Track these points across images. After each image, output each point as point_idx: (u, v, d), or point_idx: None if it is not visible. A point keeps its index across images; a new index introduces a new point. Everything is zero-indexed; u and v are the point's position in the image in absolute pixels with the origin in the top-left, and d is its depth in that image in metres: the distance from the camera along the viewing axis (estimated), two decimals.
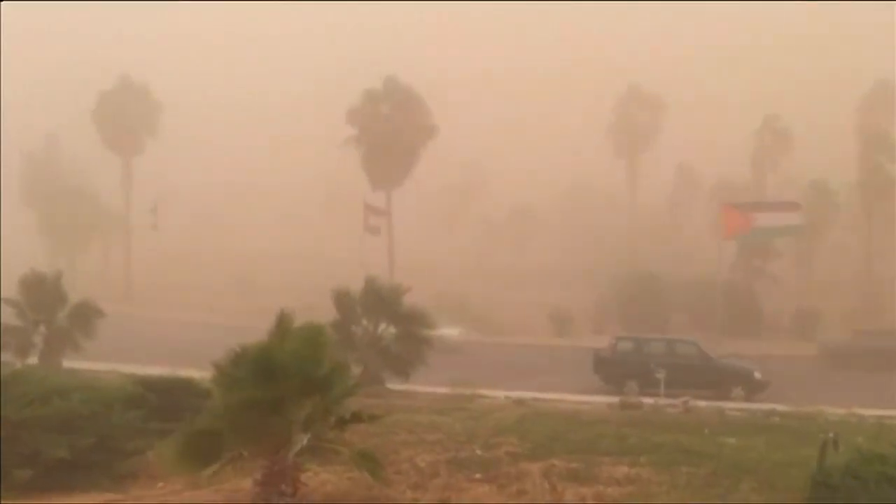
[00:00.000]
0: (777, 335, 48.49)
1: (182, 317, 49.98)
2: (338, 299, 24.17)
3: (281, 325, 11.32)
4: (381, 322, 24.20)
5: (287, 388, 10.46)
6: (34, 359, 24.81)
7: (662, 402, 23.48)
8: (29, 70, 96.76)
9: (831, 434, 12.42)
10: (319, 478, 12.39)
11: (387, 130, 53.44)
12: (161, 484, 12.55)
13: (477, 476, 13.19)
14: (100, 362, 25.53)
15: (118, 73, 64.78)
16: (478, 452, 14.77)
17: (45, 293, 25.63)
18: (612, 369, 29.33)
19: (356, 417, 11.03)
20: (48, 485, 11.91)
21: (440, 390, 24.16)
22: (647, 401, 23.71)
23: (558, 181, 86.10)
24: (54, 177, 70.91)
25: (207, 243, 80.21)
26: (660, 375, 25.22)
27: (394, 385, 24.13)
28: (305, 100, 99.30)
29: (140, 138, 64.07)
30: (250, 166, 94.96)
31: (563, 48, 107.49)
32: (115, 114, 62.48)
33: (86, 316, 25.71)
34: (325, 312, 22.06)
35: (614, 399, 24.19)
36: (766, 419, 21.04)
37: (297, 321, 11.32)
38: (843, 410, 22.18)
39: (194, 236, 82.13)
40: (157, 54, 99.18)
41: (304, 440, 10.50)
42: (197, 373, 16.36)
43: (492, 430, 17.01)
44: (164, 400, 14.49)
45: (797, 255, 60.11)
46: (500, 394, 24.37)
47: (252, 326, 14.79)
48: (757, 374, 28.78)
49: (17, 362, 22.43)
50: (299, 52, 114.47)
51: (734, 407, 23.90)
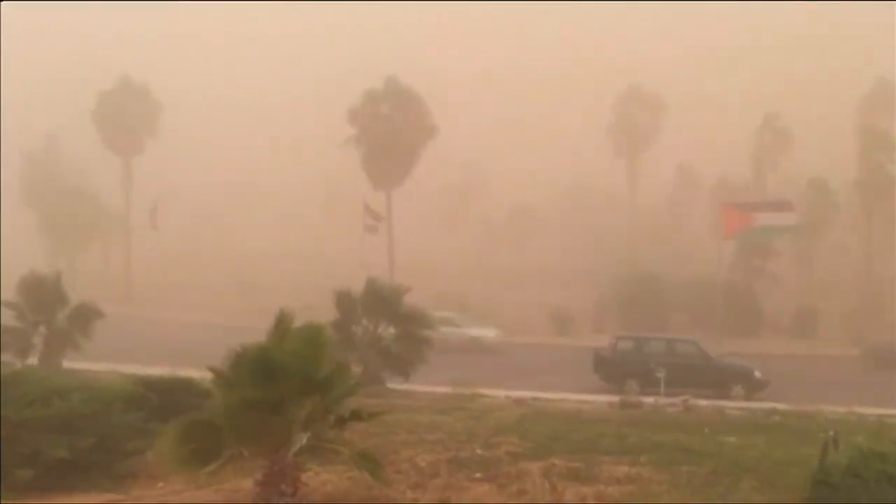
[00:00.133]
0: (777, 334, 48.52)
1: (182, 317, 49.98)
2: (338, 299, 24.24)
3: (281, 324, 11.31)
4: (382, 322, 24.25)
5: (287, 388, 10.46)
6: (34, 359, 24.85)
7: (662, 401, 23.49)
8: (29, 70, 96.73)
9: (831, 433, 12.42)
10: (320, 478, 12.39)
11: (387, 130, 53.47)
12: (161, 484, 12.55)
13: (477, 475, 13.19)
14: (100, 363, 25.52)
15: (118, 73, 64.80)
16: (478, 452, 14.77)
17: (45, 294, 25.64)
18: (613, 368, 29.34)
19: (356, 416, 11.03)
20: (48, 485, 11.91)
21: (440, 390, 24.17)
22: (648, 400, 23.73)
23: (558, 181, 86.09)
24: (54, 177, 70.91)
25: (207, 243, 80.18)
26: (660, 375, 25.24)
27: (394, 385, 24.16)
28: (305, 100, 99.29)
29: (140, 138, 64.09)
30: (250, 166, 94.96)
31: (563, 48, 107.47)
32: (115, 114, 62.48)
33: (85, 317, 25.75)
34: (325, 312, 22.08)
35: (614, 398, 24.21)
36: (766, 418, 21.06)
37: (298, 321, 11.31)
38: (843, 409, 22.21)
39: (194, 236, 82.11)
40: (157, 54, 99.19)
41: (303, 440, 10.49)
42: (197, 373, 16.37)
43: (492, 430, 17.02)
44: (165, 400, 14.46)
45: (797, 255, 60.12)
46: (500, 393, 24.40)
47: (252, 326, 14.79)
48: (757, 373, 28.78)
49: (18, 363, 22.41)
50: (299, 52, 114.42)
51: (734, 406, 23.93)
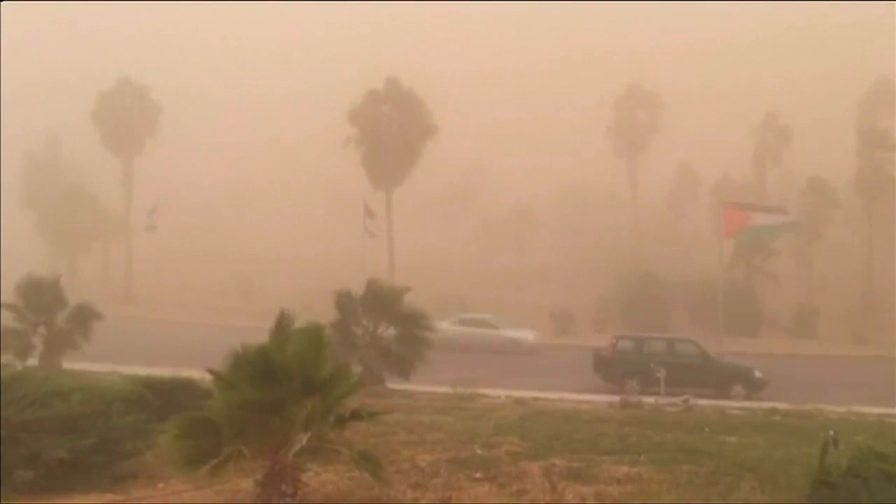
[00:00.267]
0: (777, 334, 48.55)
1: (182, 318, 50.00)
2: (338, 300, 24.31)
3: (281, 325, 11.33)
4: (382, 322, 24.29)
5: (287, 388, 10.48)
6: (34, 360, 24.87)
7: (663, 400, 23.48)
8: (29, 70, 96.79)
9: (831, 432, 12.42)
10: (320, 478, 12.39)
11: (388, 131, 53.51)
12: (161, 485, 12.55)
13: (477, 475, 13.18)
14: (100, 364, 25.52)
15: (118, 74, 64.85)
16: (478, 452, 14.76)
17: (45, 295, 25.68)
18: (613, 368, 29.31)
19: (356, 415, 11.04)
20: (49, 486, 11.91)
21: (441, 390, 24.18)
22: (648, 400, 23.71)
23: (558, 181, 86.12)
24: (54, 177, 70.95)
25: (208, 244, 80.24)
26: (660, 374, 25.23)
27: (394, 385, 24.18)
28: (306, 100, 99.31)
29: (140, 139, 64.12)
30: (250, 167, 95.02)
31: (563, 48, 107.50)
32: (115, 114, 62.56)
33: (85, 318, 25.79)
34: (325, 313, 22.11)
35: (615, 398, 24.20)
36: (766, 417, 21.06)
37: (298, 322, 11.33)
38: (843, 409, 22.21)
39: (195, 237, 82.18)
40: (157, 54, 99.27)
41: (304, 440, 10.50)
42: (198, 374, 16.38)
43: (492, 430, 17.02)
44: (166, 400, 14.49)
45: (797, 254, 60.15)
46: (500, 393, 24.42)
47: (253, 327, 14.80)
48: (757, 373, 28.76)
49: (18, 364, 22.42)
50: (299, 52, 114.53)
51: (735, 405, 23.93)
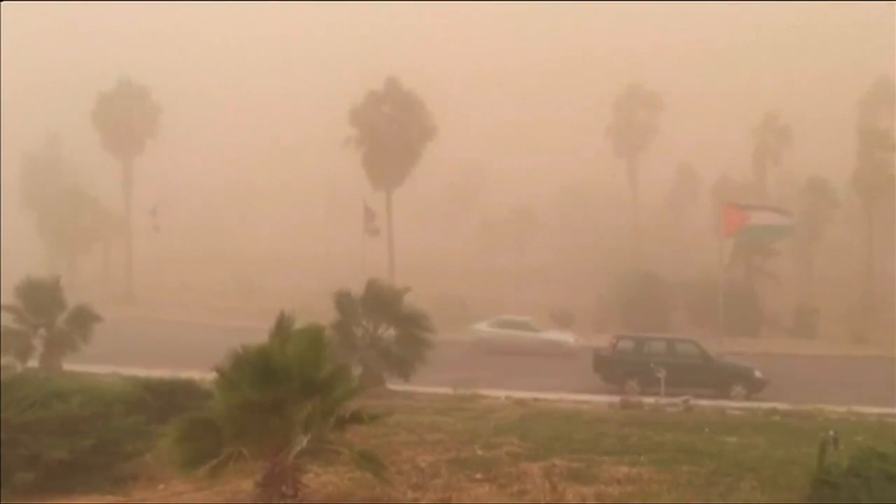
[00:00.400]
0: (778, 333, 48.55)
1: (183, 318, 50.00)
2: (338, 301, 24.27)
3: (281, 326, 11.32)
4: (382, 323, 24.28)
5: (287, 389, 10.46)
6: (34, 362, 24.87)
7: (663, 401, 23.49)
8: (29, 70, 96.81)
9: (831, 432, 12.43)
10: (321, 479, 12.39)
11: (388, 131, 53.52)
12: (162, 486, 12.55)
13: (478, 476, 13.18)
14: (101, 365, 25.53)
15: (118, 74, 64.87)
16: (479, 452, 14.75)
17: (44, 297, 25.69)
18: (613, 368, 29.34)
19: (355, 418, 11.03)
20: (49, 487, 11.91)
21: (441, 390, 24.18)
22: (648, 400, 23.72)
23: (558, 181, 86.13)
24: (54, 178, 70.95)
25: (208, 244, 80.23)
26: (660, 375, 25.24)
27: (395, 386, 24.17)
28: (306, 100, 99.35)
29: (140, 139, 64.12)
30: (251, 167, 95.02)
31: (563, 48, 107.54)
32: (115, 115, 62.54)
33: (84, 319, 25.81)
34: (326, 314, 22.10)
35: (615, 398, 24.21)
36: (766, 418, 21.06)
37: (298, 323, 11.32)
38: (843, 409, 22.21)
39: (195, 237, 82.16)
40: (157, 54, 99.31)
41: (304, 441, 10.50)
42: (198, 375, 16.38)
43: (493, 430, 17.01)
44: (166, 402, 14.49)
45: (797, 254, 60.16)
46: (500, 393, 24.41)
47: (253, 328, 14.79)
48: (757, 373, 28.78)
49: (18, 365, 22.43)
50: (300, 52, 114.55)
51: (735, 406, 23.94)
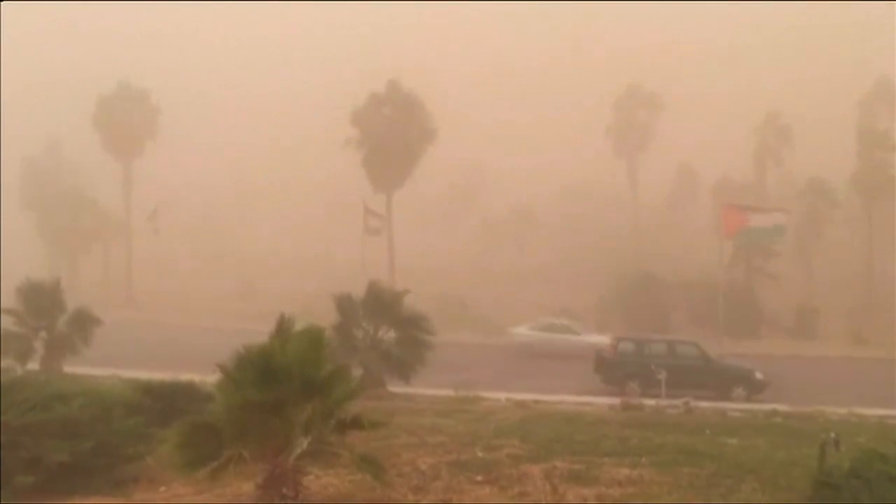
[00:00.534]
0: (778, 334, 48.51)
1: (183, 321, 49.93)
2: (339, 303, 24.26)
3: (282, 328, 11.33)
4: (382, 325, 24.27)
5: (288, 390, 10.46)
6: (35, 364, 24.86)
7: (664, 402, 23.48)
8: (29, 71, 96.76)
9: (832, 434, 12.44)
10: (321, 481, 12.39)
11: (388, 133, 53.53)
12: (163, 488, 12.56)
13: (479, 478, 13.18)
14: (101, 367, 25.53)
15: (118, 75, 64.80)
16: (479, 454, 14.75)
17: (45, 299, 25.69)
18: (613, 370, 29.33)
19: (356, 423, 11.02)
20: (49, 489, 11.93)
21: (442, 392, 24.17)
22: (649, 402, 23.72)
23: (558, 181, 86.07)
24: (54, 181, 70.88)
25: (208, 246, 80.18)
26: (661, 376, 25.23)
27: (395, 388, 24.15)
28: (306, 101, 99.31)
29: (140, 141, 64.08)
30: (251, 167, 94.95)
31: (563, 48, 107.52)
32: (115, 117, 62.51)
33: (85, 322, 25.81)
34: (326, 315, 22.09)
35: (615, 400, 24.20)
36: (767, 419, 21.05)
37: (299, 325, 11.32)
38: (843, 410, 22.21)
39: (195, 238, 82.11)
40: (157, 55, 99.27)
41: (304, 443, 10.50)
42: (199, 377, 16.39)
43: (493, 432, 16.99)
44: (166, 405, 14.50)
45: (797, 254, 60.11)
46: (501, 395, 24.40)
47: (254, 330, 14.78)
48: (758, 374, 28.79)
49: (19, 368, 22.43)
50: (300, 53, 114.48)
51: (735, 407, 23.94)
